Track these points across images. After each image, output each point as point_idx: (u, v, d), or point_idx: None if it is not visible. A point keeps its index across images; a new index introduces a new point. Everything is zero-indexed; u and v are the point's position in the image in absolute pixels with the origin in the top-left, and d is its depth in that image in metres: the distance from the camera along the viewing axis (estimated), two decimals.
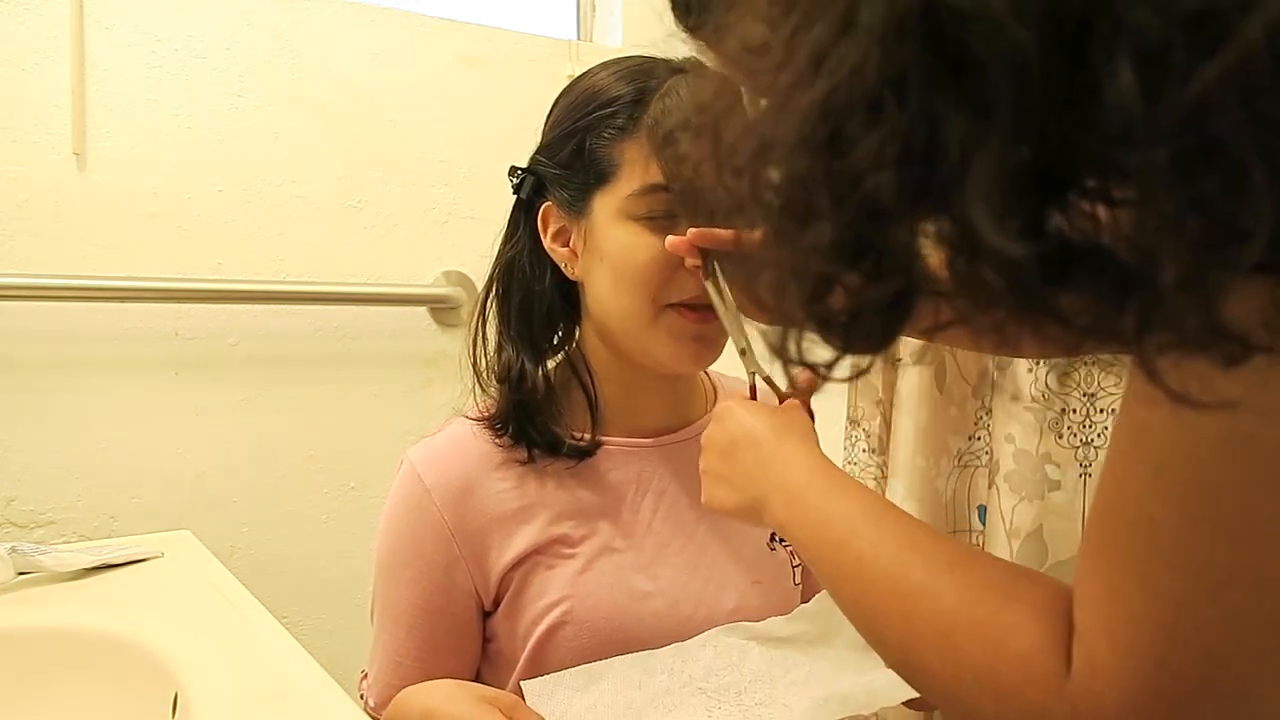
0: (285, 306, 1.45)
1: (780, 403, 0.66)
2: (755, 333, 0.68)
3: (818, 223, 0.29)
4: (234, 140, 1.40)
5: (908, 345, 1.20)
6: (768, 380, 0.69)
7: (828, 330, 0.32)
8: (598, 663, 0.72)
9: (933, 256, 0.29)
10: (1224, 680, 0.33)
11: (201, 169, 1.38)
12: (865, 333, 0.32)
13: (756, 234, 0.33)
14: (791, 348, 0.34)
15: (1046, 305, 0.27)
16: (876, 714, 0.69)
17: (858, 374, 0.34)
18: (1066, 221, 0.27)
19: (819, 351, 0.34)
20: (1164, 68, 0.23)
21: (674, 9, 0.46)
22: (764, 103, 0.31)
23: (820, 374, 0.35)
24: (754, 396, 0.69)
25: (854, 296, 0.31)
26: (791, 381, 0.66)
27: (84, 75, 1.30)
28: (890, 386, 1.28)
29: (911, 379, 1.23)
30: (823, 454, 0.59)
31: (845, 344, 0.33)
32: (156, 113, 1.35)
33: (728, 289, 0.69)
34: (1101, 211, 0.27)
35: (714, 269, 0.69)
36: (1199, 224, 0.24)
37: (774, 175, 0.30)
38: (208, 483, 1.41)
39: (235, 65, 1.40)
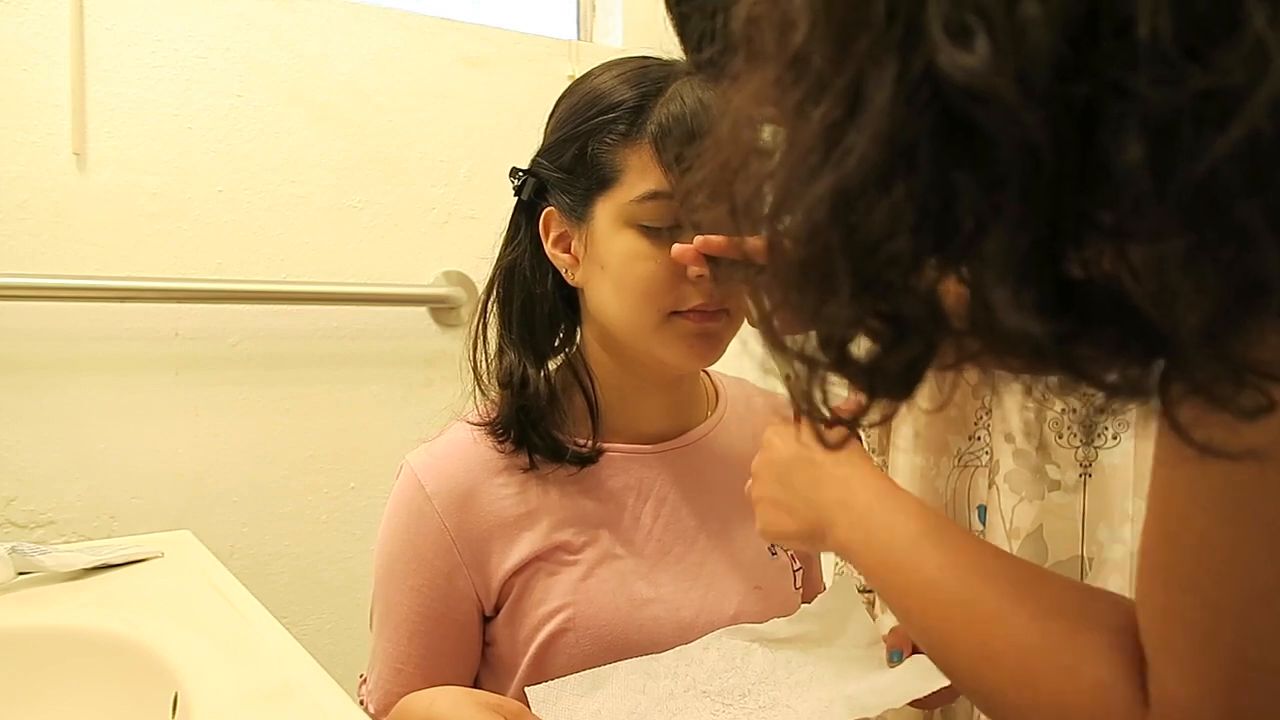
0: (285, 306, 1.45)
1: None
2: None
3: (836, 291, 0.29)
4: (234, 140, 1.40)
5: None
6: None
7: (850, 374, 0.32)
8: (602, 668, 0.72)
9: (950, 295, 0.29)
10: None
11: (201, 169, 1.38)
12: (889, 385, 0.32)
13: (765, 301, 0.33)
14: (819, 400, 0.34)
15: (1065, 363, 0.28)
16: (881, 715, 0.69)
17: (885, 419, 0.34)
18: (1085, 274, 0.27)
19: (841, 392, 0.34)
20: (1173, 143, 0.23)
21: (682, 44, 0.46)
22: (779, 176, 0.31)
23: (849, 426, 0.35)
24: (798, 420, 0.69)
25: (875, 354, 0.31)
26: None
27: (84, 75, 1.30)
28: None
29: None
30: (883, 473, 0.59)
31: (871, 393, 0.33)
32: (156, 113, 1.35)
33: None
34: (1117, 264, 0.27)
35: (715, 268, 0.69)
36: (1214, 284, 0.24)
37: (791, 230, 0.31)
38: (208, 483, 1.41)
39: (235, 65, 1.40)
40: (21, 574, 0.88)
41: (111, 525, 1.34)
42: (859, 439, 0.64)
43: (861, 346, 0.31)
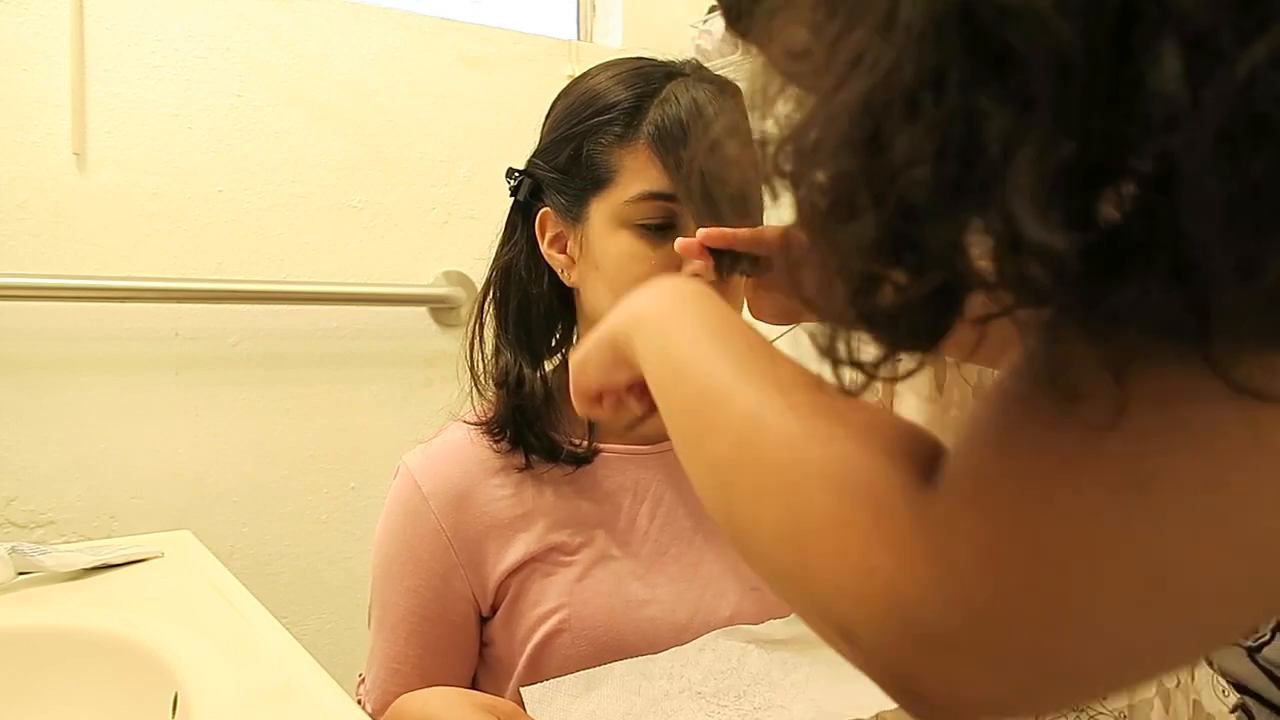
0: (285, 306, 1.45)
1: None
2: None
3: (859, 221, 0.28)
4: (234, 140, 1.40)
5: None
6: None
7: (875, 327, 0.31)
8: (597, 669, 0.72)
9: (980, 257, 0.29)
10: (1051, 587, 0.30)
11: (201, 169, 1.38)
12: (913, 329, 0.31)
13: (797, 238, 0.32)
14: (841, 348, 0.33)
15: (1096, 301, 0.27)
16: (877, 715, 0.69)
17: (907, 374, 0.32)
18: (1117, 211, 0.26)
19: (869, 350, 0.32)
20: (1211, 52, 0.23)
21: (724, 15, 0.44)
22: (809, 108, 0.30)
23: (869, 373, 0.33)
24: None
25: (899, 293, 0.30)
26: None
27: (84, 75, 1.30)
28: (890, 386, 1.28)
29: (911, 379, 1.23)
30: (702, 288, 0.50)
31: (893, 340, 0.32)
32: (156, 113, 1.35)
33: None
34: (1153, 201, 0.26)
35: (718, 259, 0.68)
36: (1248, 210, 0.23)
37: (819, 178, 0.30)
38: (208, 483, 1.41)
39: (235, 65, 1.40)
40: (21, 574, 0.88)
41: (111, 525, 1.34)
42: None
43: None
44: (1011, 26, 0.24)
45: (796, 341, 0.68)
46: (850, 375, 0.33)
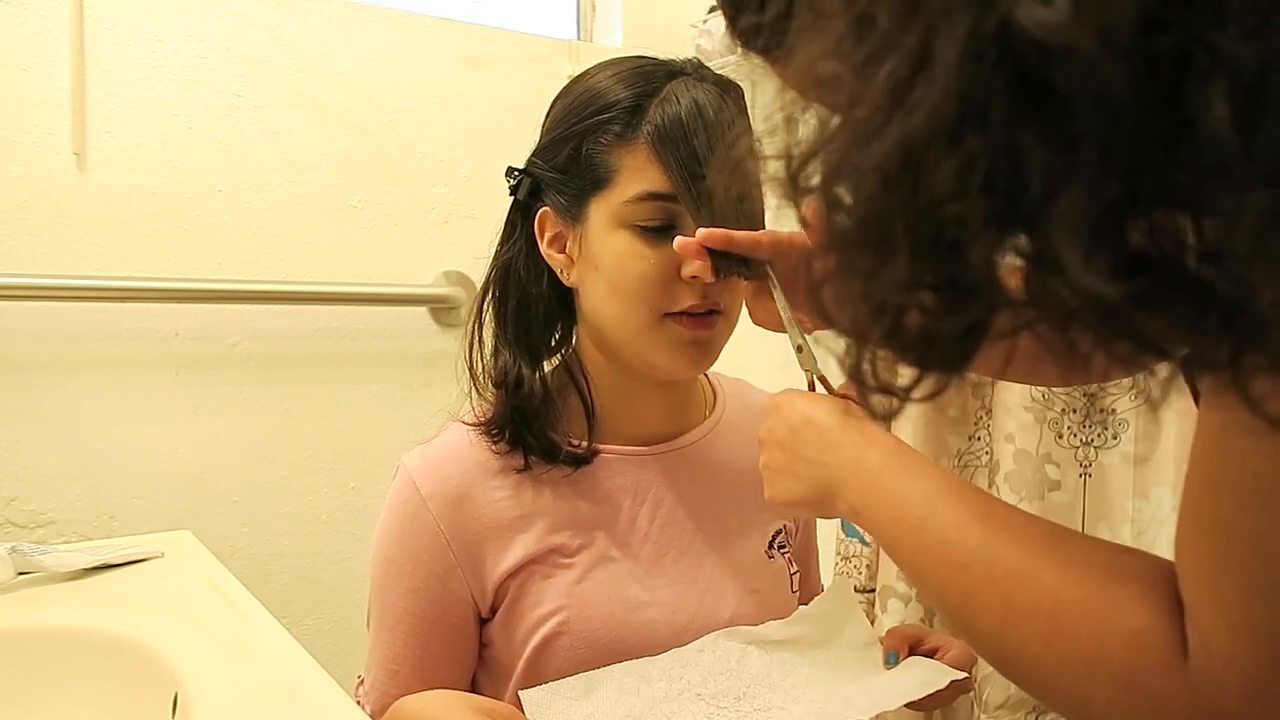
0: (285, 306, 1.45)
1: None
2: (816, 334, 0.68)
3: (893, 253, 0.28)
4: (234, 140, 1.40)
5: None
6: (822, 379, 0.68)
7: (903, 352, 0.31)
8: (596, 671, 0.71)
9: (1010, 277, 0.29)
10: None
11: (201, 169, 1.38)
12: (943, 356, 0.31)
13: (820, 256, 0.32)
14: (867, 370, 0.33)
15: (1133, 331, 0.27)
16: (878, 717, 0.69)
17: (933, 395, 0.33)
18: (1153, 241, 0.26)
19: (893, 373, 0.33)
20: (1261, 101, 0.22)
21: (738, 35, 0.44)
22: (835, 123, 0.30)
23: (900, 397, 0.33)
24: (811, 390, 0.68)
25: (929, 321, 0.30)
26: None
27: (84, 75, 1.30)
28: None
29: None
30: (892, 434, 0.57)
31: (923, 365, 0.32)
32: (156, 113, 1.35)
33: (779, 289, 0.68)
34: (1190, 232, 0.26)
35: (768, 270, 0.68)
36: None
37: (845, 197, 0.30)
38: (208, 483, 1.41)
39: (235, 65, 1.40)
40: (21, 574, 0.88)
41: (111, 525, 1.34)
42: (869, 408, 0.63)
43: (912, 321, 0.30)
44: (1055, 66, 0.23)
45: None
46: (879, 400, 0.34)
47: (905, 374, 0.33)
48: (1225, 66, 0.23)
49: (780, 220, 0.59)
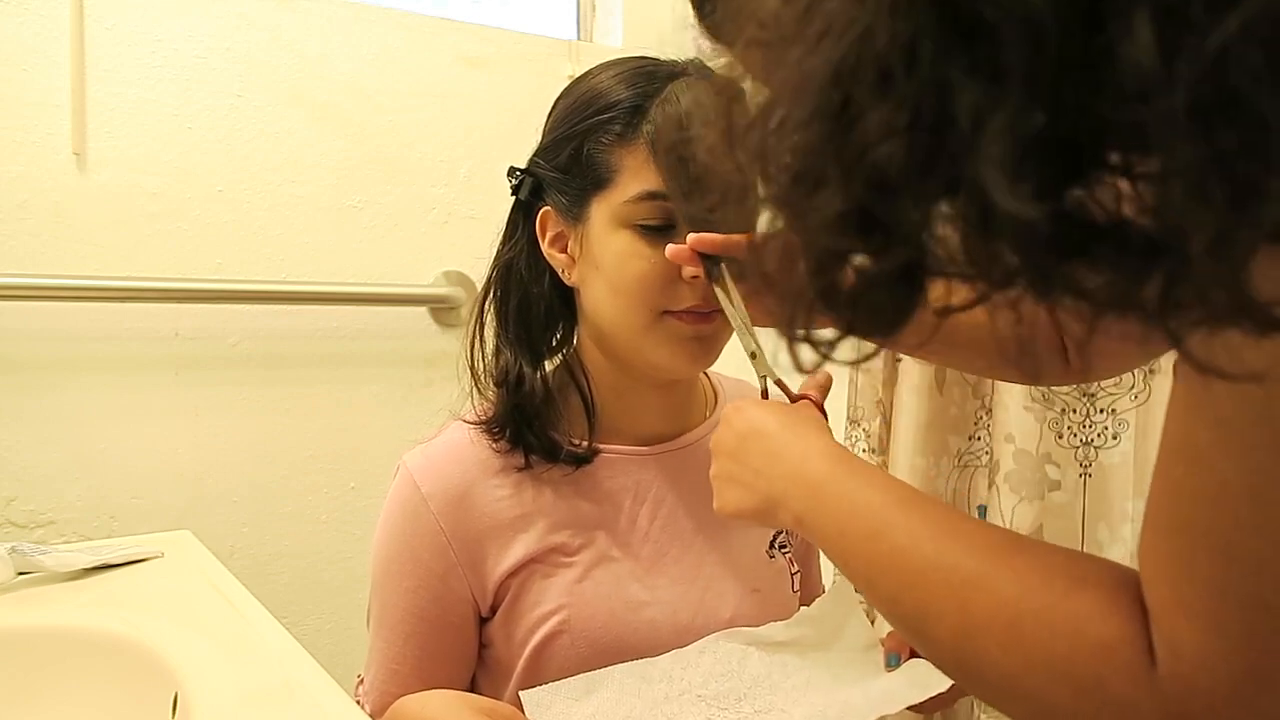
0: (285, 306, 1.45)
1: (792, 403, 0.65)
2: (765, 335, 0.68)
3: (826, 193, 0.28)
4: (234, 140, 1.40)
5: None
6: (779, 383, 0.68)
7: (834, 307, 0.31)
8: (597, 671, 0.71)
9: (948, 240, 0.29)
10: None
11: (201, 169, 1.38)
12: (873, 310, 0.31)
13: (762, 223, 0.33)
14: (798, 323, 0.32)
15: (1064, 278, 0.26)
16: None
17: (863, 359, 0.33)
18: (1087, 197, 0.26)
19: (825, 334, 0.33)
20: (1183, 23, 0.22)
21: (694, 7, 0.44)
22: (777, 83, 0.30)
23: (822, 352, 0.33)
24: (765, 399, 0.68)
25: (862, 273, 0.30)
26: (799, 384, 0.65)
27: (84, 75, 1.30)
28: (890, 386, 1.28)
29: (911, 379, 1.23)
30: (838, 443, 0.56)
31: (852, 321, 0.32)
32: (156, 113, 1.35)
33: (736, 291, 0.68)
34: (1123, 186, 0.26)
35: (721, 272, 0.69)
36: (1221, 186, 0.23)
37: (786, 155, 0.30)
38: (208, 483, 1.41)
39: (235, 65, 1.40)
40: (21, 574, 0.88)
41: (111, 525, 1.34)
42: (824, 414, 0.62)
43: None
44: None
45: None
46: (806, 353, 0.33)
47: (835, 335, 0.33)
48: None
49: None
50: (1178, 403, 0.34)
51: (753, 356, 0.68)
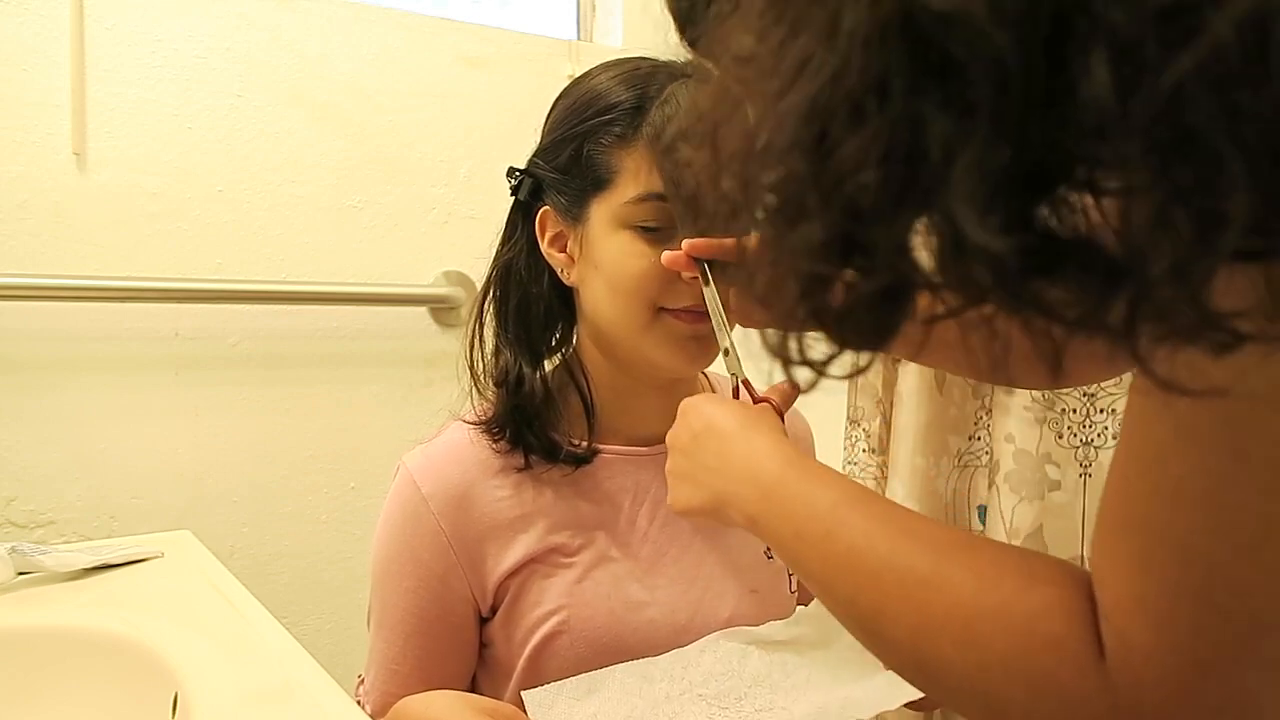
0: (285, 306, 1.45)
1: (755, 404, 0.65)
2: (751, 333, 0.68)
3: (808, 222, 0.29)
4: (234, 140, 1.40)
5: None
6: (745, 384, 0.68)
7: (824, 325, 0.32)
8: (598, 671, 0.72)
9: (926, 251, 0.30)
10: (1269, 644, 0.33)
11: (201, 169, 1.38)
12: (860, 327, 0.32)
13: (752, 240, 0.33)
14: (792, 348, 0.33)
15: (1033, 298, 0.27)
16: (878, 717, 0.69)
17: (856, 372, 0.34)
18: (1054, 216, 0.27)
19: (820, 349, 0.34)
20: (1138, 62, 0.23)
21: (675, 23, 0.45)
22: (757, 113, 0.31)
23: (818, 370, 0.34)
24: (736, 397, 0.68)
25: (849, 292, 0.31)
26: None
27: (84, 75, 1.30)
28: (890, 386, 1.28)
29: (911, 379, 1.23)
30: (791, 443, 0.56)
31: (840, 338, 0.32)
32: (156, 113, 1.35)
33: (715, 291, 0.68)
34: (1090, 205, 0.27)
35: (704, 268, 0.69)
36: (1180, 216, 0.24)
37: (768, 179, 0.31)
38: (208, 483, 1.41)
39: (235, 65, 1.40)
40: (21, 574, 0.88)
41: (111, 525, 1.34)
42: (780, 416, 0.62)
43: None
44: (951, 35, 0.25)
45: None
46: (804, 374, 0.34)
47: (827, 350, 0.33)
48: (1103, 30, 0.23)
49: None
50: (1137, 403, 0.35)
51: (725, 353, 0.68)
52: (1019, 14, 0.24)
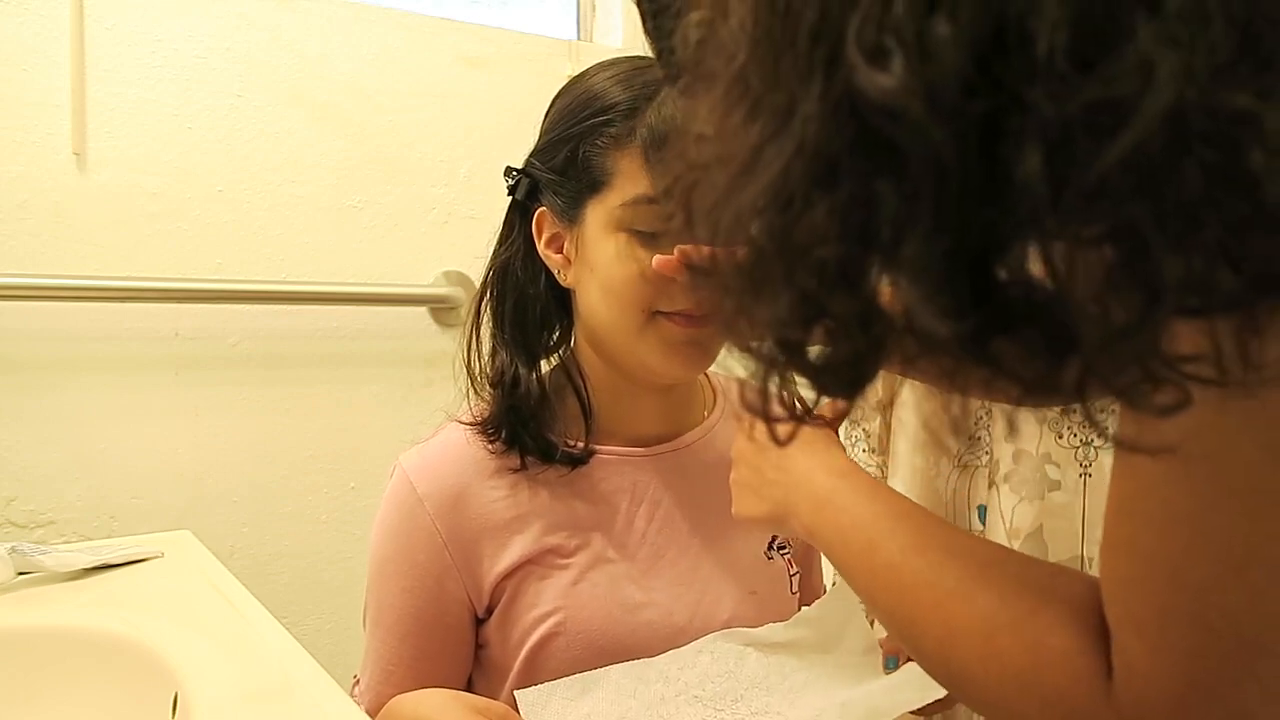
0: (285, 306, 1.45)
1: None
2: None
3: (773, 294, 0.30)
4: (234, 140, 1.40)
5: None
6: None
7: (805, 376, 0.33)
8: (592, 671, 0.71)
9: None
10: (1264, 664, 0.33)
11: (201, 169, 1.38)
12: (838, 380, 0.33)
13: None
14: (771, 393, 0.35)
15: (992, 359, 0.28)
16: None
17: (838, 418, 0.36)
18: (1007, 286, 0.28)
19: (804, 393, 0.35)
20: (1067, 153, 0.24)
21: (660, 65, 0.47)
22: (724, 180, 0.32)
23: (800, 419, 0.36)
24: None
25: (822, 354, 0.32)
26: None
27: (84, 75, 1.30)
28: (890, 387, 1.28)
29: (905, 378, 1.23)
30: (848, 458, 0.59)
31: (820, 389, 0.34)
32: (156, 113, 1.35)
33: None
34: (1040, 274, 0.28)
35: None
36: (1114, 288, 0.25)
37: (736, 250, 0.32)
38: (208, 483, 1.41)
39: (235, 65, 1.40)
40: (21, 574, 0.88)
41: (111, 525, 1.34)
42: (831, 430, 0.65)
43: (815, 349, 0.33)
44: (893, 128, 0.25)
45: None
46: (782, 427, 0.36)
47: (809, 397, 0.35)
48: (1035, 125, 0.24)
49: None
50: (1127, 425, 0.35)
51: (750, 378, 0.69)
52: (954, 108, 0.25)
